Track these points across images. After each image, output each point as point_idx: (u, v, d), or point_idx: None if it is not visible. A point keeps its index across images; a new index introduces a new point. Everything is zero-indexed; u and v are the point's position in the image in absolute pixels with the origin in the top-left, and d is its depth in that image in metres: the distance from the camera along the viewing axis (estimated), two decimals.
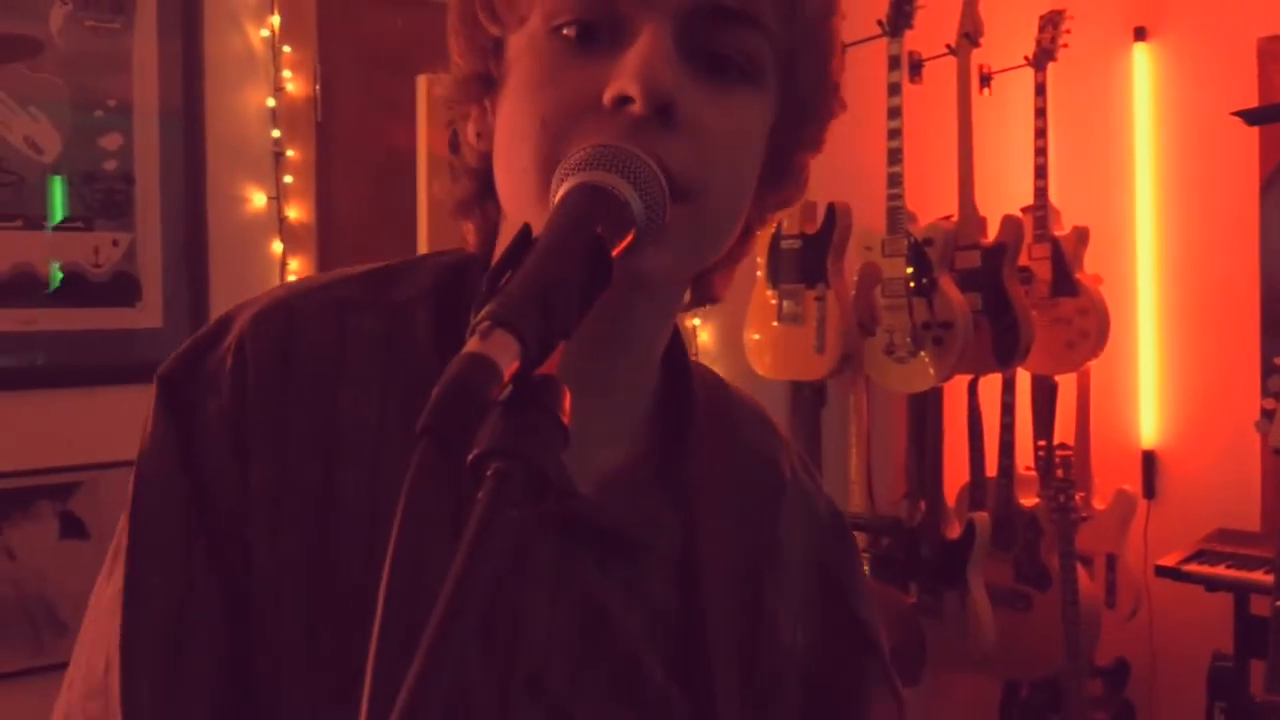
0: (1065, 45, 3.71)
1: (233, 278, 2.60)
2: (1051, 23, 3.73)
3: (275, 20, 2.61)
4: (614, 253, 0.61)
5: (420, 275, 0.84)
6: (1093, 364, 3.78)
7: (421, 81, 2.81)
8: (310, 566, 0.74)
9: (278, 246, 2.63)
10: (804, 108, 0.79)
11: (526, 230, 0.60)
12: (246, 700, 0.75)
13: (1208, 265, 3.91)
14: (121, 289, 2.59)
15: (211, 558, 0.74)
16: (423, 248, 2.83)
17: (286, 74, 2.63)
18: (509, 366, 0.51)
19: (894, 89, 3.34)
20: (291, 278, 2.64)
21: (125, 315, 2.60)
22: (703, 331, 3.43)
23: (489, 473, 0.50)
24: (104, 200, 2.53)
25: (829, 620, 0.92)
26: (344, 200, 2.76)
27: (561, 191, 0.65)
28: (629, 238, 0.64)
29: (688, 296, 0.85)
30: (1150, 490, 4.03)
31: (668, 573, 0.83)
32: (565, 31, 0.73)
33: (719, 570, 0.85)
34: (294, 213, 2.65)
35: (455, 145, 0.87)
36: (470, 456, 0.51)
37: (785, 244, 3.39)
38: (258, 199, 2.62)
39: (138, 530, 0.75)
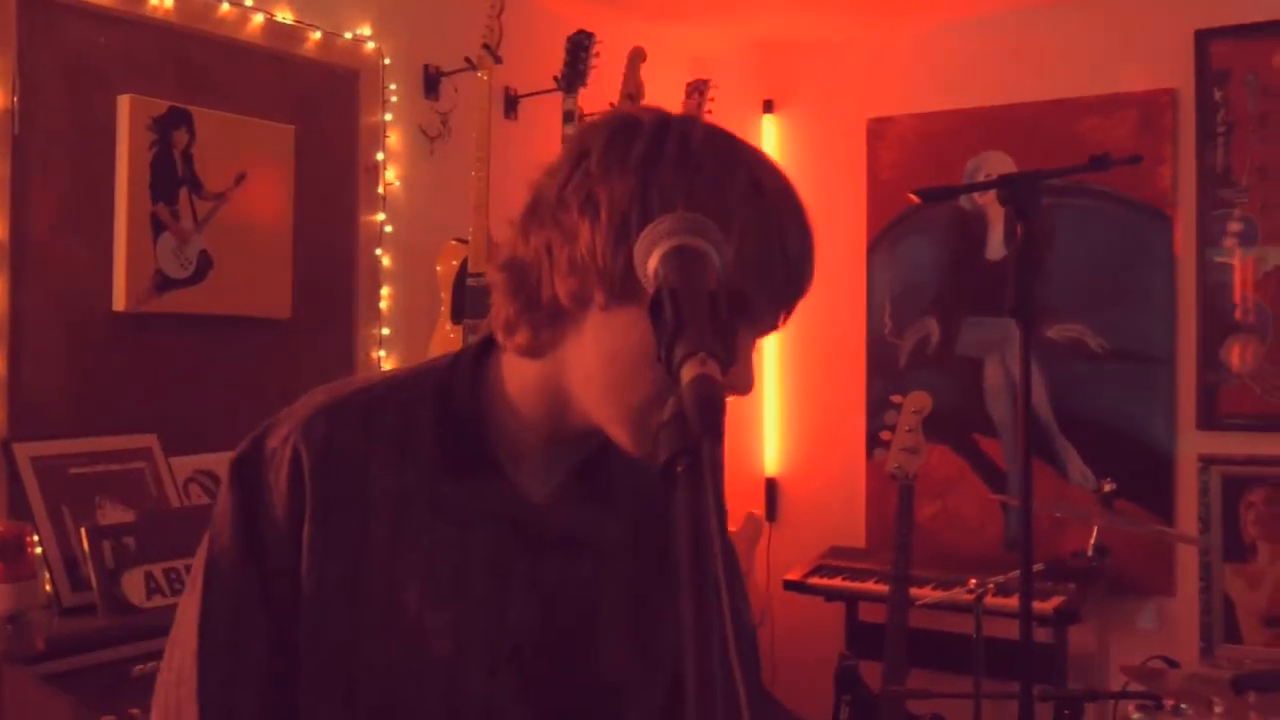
0: (709, 111, 4.11)
1: None
2: (698, 90, 4.12)
3: None
4: None
5: (423, 381, 1.10)
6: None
7: (123, 101, 2.74)
8: (346, 593, 1.03)
9: None
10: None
11: (666, 284, 0.78)
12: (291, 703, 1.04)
13: (822, 315, 4.44)
14: None
15: (263, 592, 1.04)
16: (119, 271, 2.75)
17: None
18: (722, 382, 0.70)
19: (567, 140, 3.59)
20: None
21: None
22: (386, 364, 3.51)
23: (685, 466, 0.68)
24: None
25: None
26: (40, 218, 2.62)
27: (663, 252, 0.81)
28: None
29: None
30: (772, 513, 4.51)
31: (598, 560, 1.11)
32: None
33: (622, 557, 1.12)
34: None
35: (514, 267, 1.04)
36: (667, 455, 0.68)
37: (470, 281, 3.55)
38: None
39: (210, 569, 1.05)
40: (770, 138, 4.53)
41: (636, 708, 1.13)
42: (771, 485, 4.54)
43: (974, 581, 2.79)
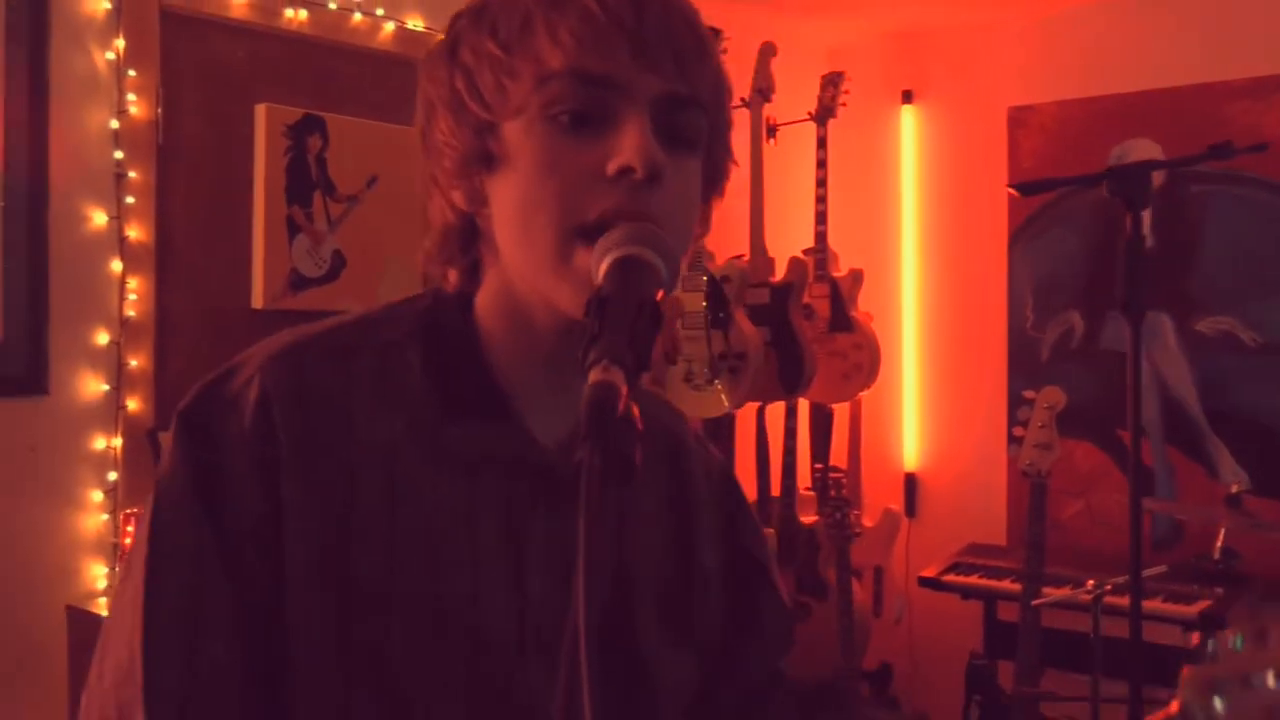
0: (844, 104, 4.08)
1: (72, 295, 2.60)
2: (832, 83, 4.09)
3: (120, 43, 2.65)
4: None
5: (402, 320, 1.00)
6: (863, 394, 4.15)
7: (261, 110, 2.89)
8: (336, 562, 0.91)
9: (117, 266, 2.66)
10: (717, 167, 1.02)
11: (600, 292, 0.79)
12: (271, 685, 0.89)
13: (963, 308, 4.37)
14: None
15: (224, 561, 0.89)
16: (257, 270, 2.90)
17: (130, 96, 2.66)
18: (622, 389, 0.71)
19: None
20: (132, 297, 2.68)
21: None
22: None
23: (589, 463, 0.68)
24: None
25: (728, 552, 1.15)
26: (183, 222, 2.81)
27: (609, 262, 0.83)
28: (660, 294, 0.83)
29: None
30: (911, 509, 4.46)
31: (621, 514, 1.04)
32: (561, 119, 0.90)
33: (643, 513, 1.07)
34: (134, 233, 2.69)
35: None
36: (579, 455, 0.69)
37: None
38: (99, 218, 2.64)
39: (155, 540, 0.90)
40: (910, 129, 4.47)
41: (669, 689, 1.05)
42: (911, 480, 4.48)
43: (1091, 582, 2.71)
